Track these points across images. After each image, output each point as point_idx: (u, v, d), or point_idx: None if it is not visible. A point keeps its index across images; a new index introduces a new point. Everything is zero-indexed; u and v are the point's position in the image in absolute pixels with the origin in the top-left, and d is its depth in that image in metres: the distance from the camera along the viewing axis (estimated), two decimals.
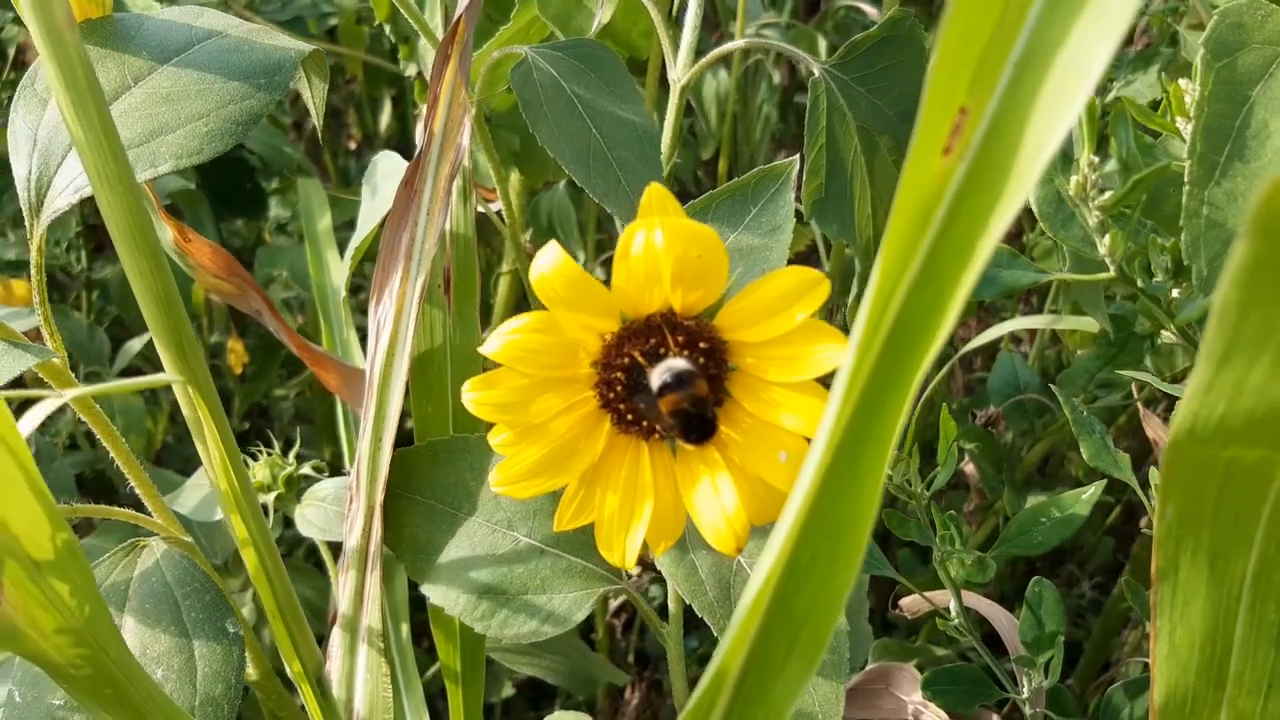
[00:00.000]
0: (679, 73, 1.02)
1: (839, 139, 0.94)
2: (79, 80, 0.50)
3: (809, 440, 0.52)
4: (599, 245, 1.54)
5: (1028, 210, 0.99)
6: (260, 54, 0.75)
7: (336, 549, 1.15)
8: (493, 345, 0.50)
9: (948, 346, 1.52)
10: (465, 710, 0.90)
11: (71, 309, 1.58)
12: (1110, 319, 1.09)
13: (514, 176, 1.30)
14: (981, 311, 1.60)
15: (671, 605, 0.74)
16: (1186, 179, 0.65)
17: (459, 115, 0.72)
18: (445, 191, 0.72)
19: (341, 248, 1.29)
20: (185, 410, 0.62)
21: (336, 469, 1.07)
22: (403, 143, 1.96)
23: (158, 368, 0.61)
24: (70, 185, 0.66)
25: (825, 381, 0.52)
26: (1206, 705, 0.47)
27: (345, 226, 1.59)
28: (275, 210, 1.69)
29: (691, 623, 0.82)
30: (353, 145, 1.99)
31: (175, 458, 1.54)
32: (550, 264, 0.48)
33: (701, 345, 0.52)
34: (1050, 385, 1.07)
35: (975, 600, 0.91)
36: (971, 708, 0.85)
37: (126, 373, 1.46)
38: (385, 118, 1.89)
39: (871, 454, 0.42)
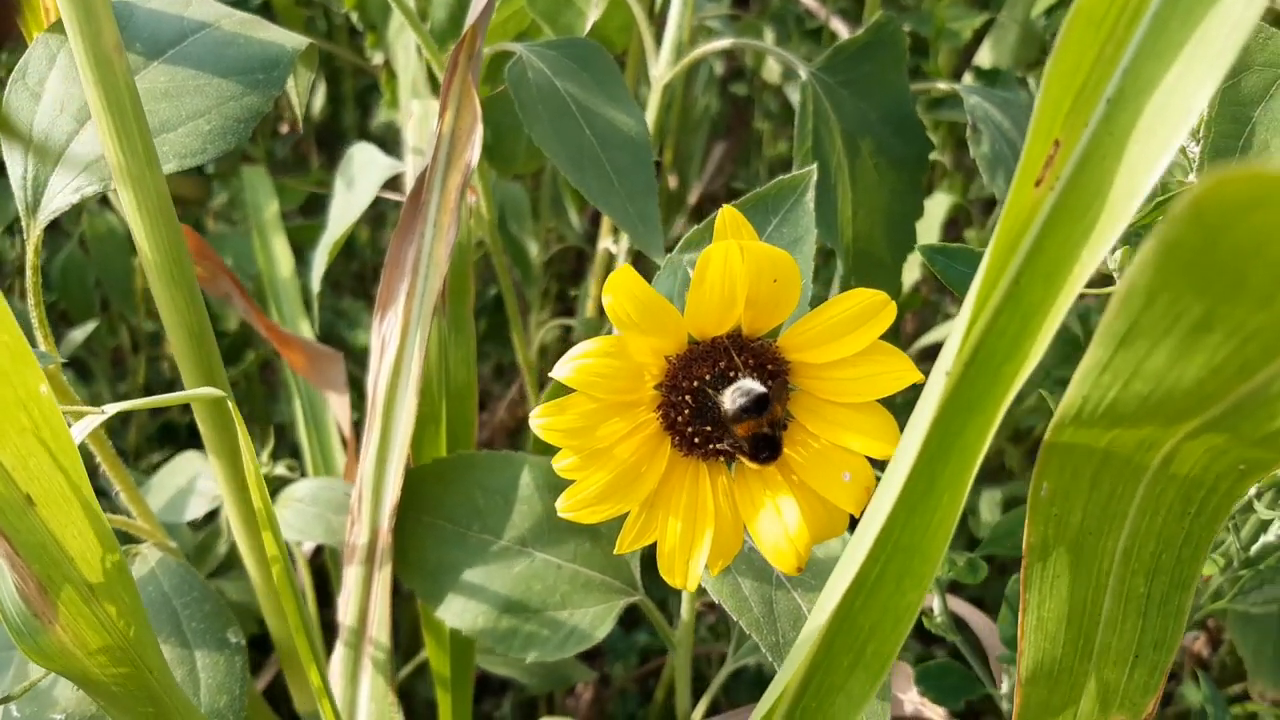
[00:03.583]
0: (661, 70, 1.01)
1: (823, 142, 0.95)
2: (125, 109, 0.48)
3: (870, 460, 0.52)
4: (549, 237, 1.53)
5: None
6: (256, 48, 0.72)
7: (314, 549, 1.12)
8: (564, 370, 0.49)
9: (895, 338, 1.55)
10: (454, 716, 0.89)
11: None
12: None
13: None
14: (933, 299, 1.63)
15: (684, 615, 0.74)
16: None
17: (469, 124, 0.71)
18: (455, 204, 0.70)
19: (287, 236, 1.26)
20: (206, 430, 0.60)
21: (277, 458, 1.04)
22: (334, 125, 1.90)
23: (97, 356, 0.59)
24: (69, 186, 0.63)
25: (886, 400, 0.53)
26: (1073, 676, 0.48)
27: (288, 216, 1.54)
28: (215, 196, 1.63)
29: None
30: (284, 129, 1.93)
31: None
32: (623, 287, 0.48)
33: (769, 367, 0.52)
34: None
35: (955, 605, 0.94)
36: (958, 703, 0.87)
37: (70, 364, 1.40)
38: (319, 100, 1.83)
39: (951, 477, 0.42)
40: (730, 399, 0.50)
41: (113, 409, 0.49)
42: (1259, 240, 0.30)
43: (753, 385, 0.50)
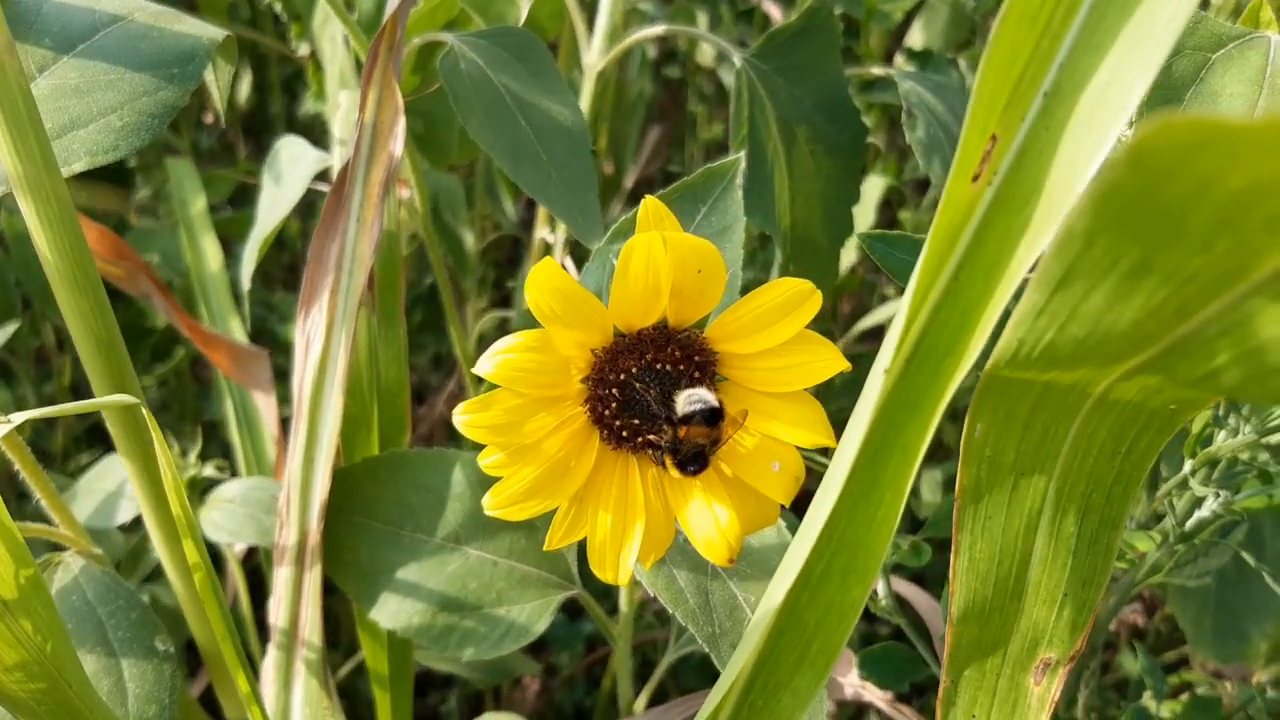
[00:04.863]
0: (594, 58, 1.00)
1: (759, 129, 0.94)
2: (19, 112, 0.46)
3: (800, 449, 0.52)
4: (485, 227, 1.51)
5: None
6: (171, 41, 0.70)
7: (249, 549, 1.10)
8: (487, 366, 0.48)
9: (831, 323, 1.55)
10: (394, 714, 0.88)
11: None
12: None
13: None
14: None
15: (623, 606, 0.73)
16: None
17: (391, 116, 0.69)
18: (379, 198, 0.69)
19: (215, 229, 1.23)
20: (119, 438, 0.58)
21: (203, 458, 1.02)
22: (260, 113, 1.87)
23: (19, 358, 0.57)
24: None
25: (823, 386, 0.52)
26: (1002, 615, 0.49)
27: (216, 208, 1.51)
28: (138, 190, 1.59)
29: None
30: (209, 119, 1.89)
31: None
32: (545, 280, 0.47)
33: (696, 359, 0.52)
34: None
35: (898, 585, 0.94)
36: (902, 685, 0.88)
37: None
38: (244, 89, 1.80)
39: (893, 472, 0.42)
40: (685, 403, 0.49)
41: (19, 418, 0.47)
42: (1201, 184, 0.30)
43: (707, 396, 0.49)
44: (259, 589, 1.09)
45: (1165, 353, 0.37)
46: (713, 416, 0.50)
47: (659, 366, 0.51)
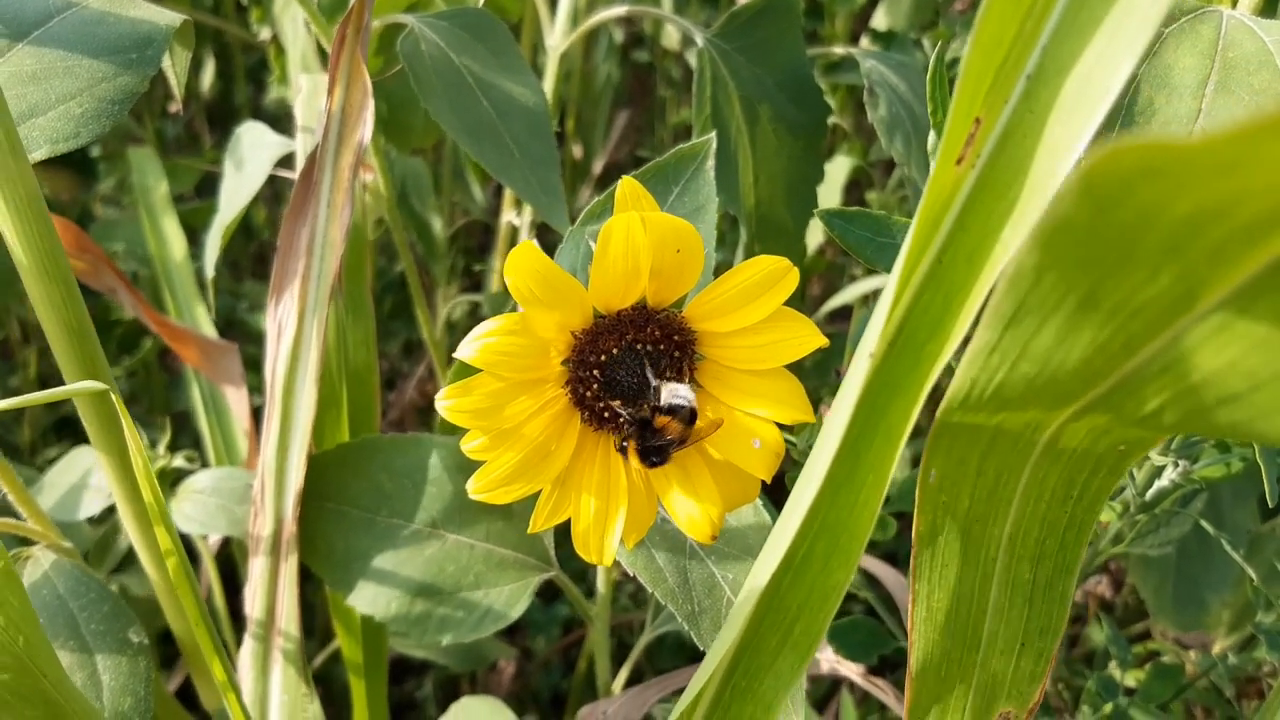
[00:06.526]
0: (557, 39, 1.00)
1: (722, 109, 0.94)
2: None
3: (781, 426, 0.52)
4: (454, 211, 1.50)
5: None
6: (128, 27, 0.69)
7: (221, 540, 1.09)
8: (468, 351, 0.48)
9: (799, 303, 1.56)
10: (369, 702, 0.87)
11: None
12: None
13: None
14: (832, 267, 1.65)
15: (601, 588, 0.74)
16: (1079, 160, 0.68)
17: (359, 100, 0.69)
18: (349, 183, 0.68)
19: (180, 219, 1.22)
20: (90, 427, 0.58)
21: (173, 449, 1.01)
22: (225, 102, 1.84)
23: None
24: None
25: (794, 366, 0.53)
26: (961, 667, 0.49)
27: (178, 199, 1.49)
28: (102, 180, 1.57)
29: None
30: (173, 108, 1.86)
31: None
32: (524, 263, 0.47)
33: (675, 338, 0.52)
34: None
35: (864, 561, 0.95)
36: (871, 658, 0.89)
37: None
38: (208, 77, 1.77)
39: (875, 457, 0.42)
40: (668, 395, 0.50)
41: None
42: (1147, 213, 0.30)
43: (690, 396, 0.50)
44: (231, 581, 1.08)
45: (1113, 390, 0.37)
46: (691, 417, 0.50)
47: (639, 347, 0.51)
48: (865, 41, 1.30)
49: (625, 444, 0.51)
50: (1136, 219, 0.30)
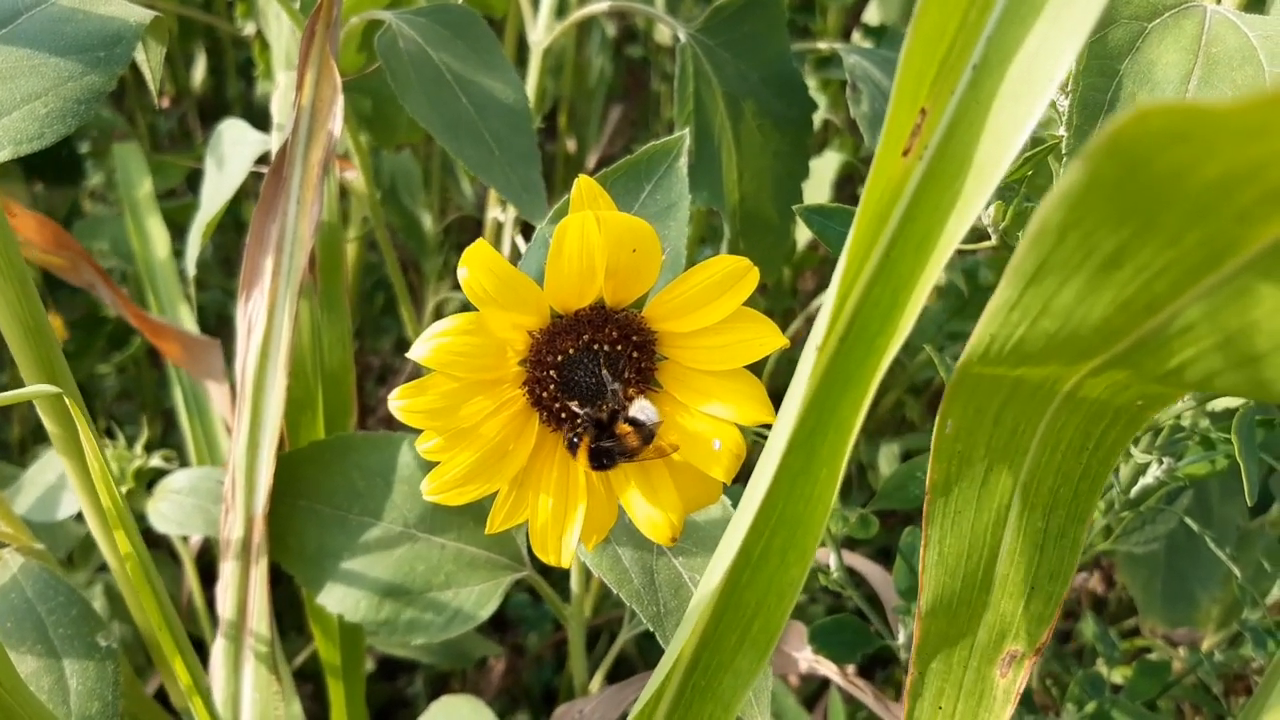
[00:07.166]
0: (540, 35, 0.99)
1: (706, 105, 0.94)
2: None
3: (741, 427, 0.52)
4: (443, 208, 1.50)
5: None
6: (96, 24, 0.68)
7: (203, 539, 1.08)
8: (421, 350, 0.47)
9: (791, 299, 1.55)
10: (348, 704, 0.87)
11: None
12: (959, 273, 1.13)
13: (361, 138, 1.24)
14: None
15: (575, 587, 0.73)
16: (1064, 150, 0.67)
17: (329, 95, 0.68)
18: (318, 178, 0.68)
19: (165, 216, 1.21)
20: (51, 429, 0.57)
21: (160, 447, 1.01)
22: (217, 99, 1.84)
23: None
24: None
25: (754, 367, 0.52)
26: (970, 608, 0.49)
27: (168, 195, 1.49)
28: (90, 177, 1.56)
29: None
30: (164, 104, 1.86)
31: None
32: (479, 261, 0.46)
33: (634, 338, 0.51)
34: None
35: (849, 558, 0.95)
36: (854, 657, 0.88)
37: None
38: (199, 73, 1.77)
39: (829, 449, 0.42)
40: (638, 411, 0.49)
41: None
42: (1175, 175, 0.30)
43: (655, 415, 0.50)
44: (213, 582, 1.08)
45: (1133, 348, 0.37)
46: (648, 438, 0.50)
47: (597, 347, 0.50)
48: (857, 36, 1.29)
49: (576, 439, 0.51)
50: (1164, 181, 0.30)
